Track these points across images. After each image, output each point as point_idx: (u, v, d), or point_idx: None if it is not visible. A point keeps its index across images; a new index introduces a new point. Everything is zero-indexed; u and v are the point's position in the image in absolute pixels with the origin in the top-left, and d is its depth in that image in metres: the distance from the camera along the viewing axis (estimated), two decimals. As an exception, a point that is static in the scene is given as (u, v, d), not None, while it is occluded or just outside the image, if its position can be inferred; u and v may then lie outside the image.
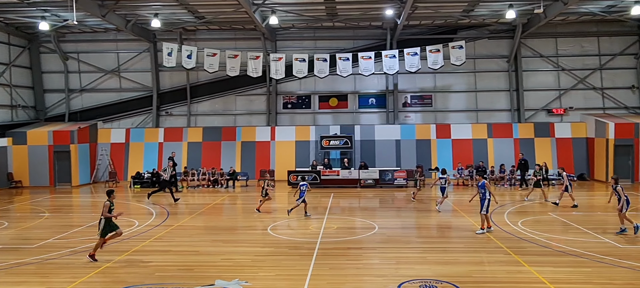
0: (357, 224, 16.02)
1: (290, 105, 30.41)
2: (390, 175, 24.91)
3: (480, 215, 14.38)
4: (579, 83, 28.68)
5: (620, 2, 24.25)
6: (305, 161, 27.88)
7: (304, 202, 17.12)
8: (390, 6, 24.23)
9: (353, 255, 12.17)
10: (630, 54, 28.48)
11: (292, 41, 30.10)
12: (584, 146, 27.40)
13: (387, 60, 26.31)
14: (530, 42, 28.78)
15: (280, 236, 14.31)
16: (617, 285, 9.71)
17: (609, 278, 10.07)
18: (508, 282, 9.97)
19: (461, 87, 29.54)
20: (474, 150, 27.63)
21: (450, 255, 12.03)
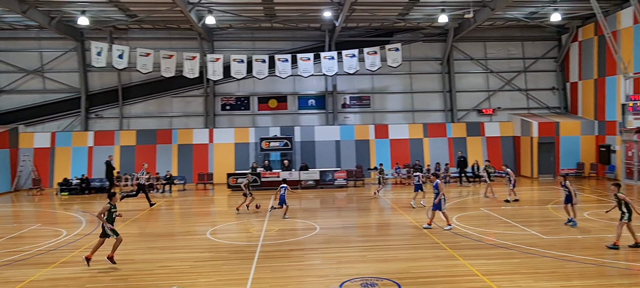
0: (299, 225, 15.98)
1: (228, 107, 29.87)
2: (330, 176, 25.10)
3: (440, 213, 14.84)
4: (506, 84, 30.35)
5: (541, 9, 25.94)
6: (245, 163, 27.48)
7: (286, 205, 16.99)
8: (329, 8, 24.44)
9: (295, 256, 12.11)
10: (551, 58, 30.54)
11: (230, 41, 29.58)
12: (511, 144, 29.03)
13: (326, 61, 26.52)
14: (461, 45, 30.11)
15: (220, 240, 13.98)
16: (543, 273, 10.31)
17: (535, 268, 10.68)
18: (445, 275, 10.31)
19: (398, 88, 30.35)
20: (411, 150, 28.47)
21: (389, 252, 12.27)
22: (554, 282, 9.77)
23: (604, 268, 10.70)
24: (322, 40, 29.04)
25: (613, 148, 25.97)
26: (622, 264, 11.06)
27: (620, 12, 24.83)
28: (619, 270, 10.66)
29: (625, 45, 24.34)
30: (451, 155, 28.35)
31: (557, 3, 24.76)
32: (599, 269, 10.59)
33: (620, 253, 11.85)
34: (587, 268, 10.66)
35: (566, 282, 9.78)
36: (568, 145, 27.10)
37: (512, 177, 19.34)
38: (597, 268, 10.67)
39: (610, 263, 11.02)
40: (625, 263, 11.20)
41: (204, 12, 24.58)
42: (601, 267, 10.77)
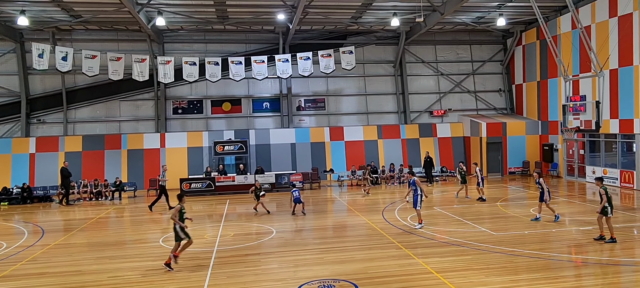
0: (255, 230, 15.79)
1: (180, 111, 29.17)
2: (286, 179, 24.98)
3: (415, 210, 15.09)
4: (456, 87, 31.30)
5: (487, 14, 26.95)
6: (199, 168, 26.91)
7: (301, 203, 17.92)
8: (282, 11, 24.36)
9: (251, 261, 11.94)
10: (497, 61, 31.78)
11: (181, 44, 28.91)
12: (462, 144, 29.95)
13: (280, 64, 26.41)
14: (413, 48, 30.80)
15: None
16: (494, 268, 10.66)
17: (486, 264, 11.03)
18: (400, 274, 10.46)
19: (352, 90, 30.65)
20: (366, 151, 28.81)
21: (346, 253, 12.32)
22: (503, 276, 10.11)
23: (550, 262, 11.18)
24: (276, 42, 28.91)
25: (555, 147, 27.32)
26: (565, 258, 11.60)
27: (560, 18, 26.20)
28: (563, 263, 11.17)
29: (564, 49, 25.69)
30: (405, 156, 28.91)
31: (502, 8, 25.81)
32: (545, 263, 11.06)
33: (563, 247, 12.44)
34: (534, 262, 11.11)
35: (515, 276, 10.14)
36: (514, 145, 28.28)
37: (480, 176, 19.67)
38: (544, 262, 11.14)
39: (556, 257, 11.53)
40: (568, 256, 11.76)
41: (154, 14, 23.90)
42: (547, 260, 11.25)
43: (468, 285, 9.61)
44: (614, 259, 11.32)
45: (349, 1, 23.89)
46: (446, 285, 9.66)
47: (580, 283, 9.74)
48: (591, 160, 25.12)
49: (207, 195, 24.21)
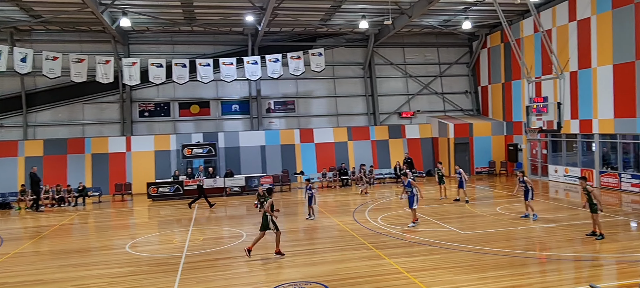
0: (225, 233, 15.59)
1: (147, 113, 28.55)
2: (256, 182, 24.79)
3: (411, 210, 15.25)
4: (424, 88, 31.78)
5: (454, 17, 27.49)
6: (167, 172, 26.39)
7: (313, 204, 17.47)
8: (251, 12, 24.19)
9: (221, 265, 11.77)
10: (464, 63, 32.45)
11: (147, 45, 28.32)
12: (430, 145, 30.41)
13: (249, 66, 26.21)
14: (382, 50, 31.11)
15: (140, 253, 13.26)
16: (462, 267, 10.85)
17: (454, 262, 11.21)
18: (371, 275, 10.51)
19: (322, 92, 30.69)
20: (336, 153, 28.89)
21: (317, 256, 12.31)
22: (471, 274, 10.29)
23: (515, 258, 11.45)
24: (245, 44, 28.68)
25: (520, 147, 28.08)
26: (530, 254, 11.91)
27: (523, 21, 26.98)
28: (527, 259, 11.46)
29: (527, 52, 26.46)
30: (374, 157, 29.14)
31: (468, 12, 26.38)
32: (511, 260, 11.32)
33: (528, 244, 12.78)
34: (500, 259, 11.36)
35: (482, 273, 10.34)
36: (481, 145, 28.92)
37: (464, 177, 19.43)
38: (509, 259, 11.40)
39: (521, 254, 11.82)
40: (533, 253, 12.07)
41: (118, 14, 23.33)
42: (513, 257, 11.52)
43: (437, 284, 9.74)
44: (578, 254, 11.70)
45: (318, 3, 23.93)
46: (416, 285, 9.76)
47: (544, 279, 10.01)
48: (553, 160, 25.93)
49: (175, 199, 23.77)
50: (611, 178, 21.92)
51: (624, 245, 12.36)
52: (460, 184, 19.42)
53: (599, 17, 22.01)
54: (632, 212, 16.99)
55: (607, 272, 10.46)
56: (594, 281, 9.54)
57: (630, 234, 13.81)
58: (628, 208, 17.71)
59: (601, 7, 21.84)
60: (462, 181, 19.29)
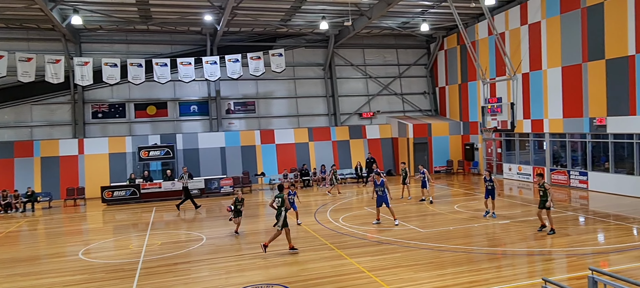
0: (184, 237, 15.23)
1: (101, 115, 27.54)
2: (216, 184, 24.38)
3: (388, 208, 15.32)
4: (384, 89, 32.20)
5: (412, 19, 27.99)
6: (122, 175, 25.55)
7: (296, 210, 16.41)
8: (209, 12, 23.78)
9: (180, 270, 11.48)
10: (422, 64, 33.10)
11: (100, 44, 27.34)
12: (390, 145, 30.84)
13: (208, 66, 25.77)
14: (342, 51, 31.30)
15: (94, 260, 12.76)
16: (422, 264, 11.03)
17: (415, 260, 11.38)
18: (333, 275, 10.51)
19: (282, 93, 30.55)
20: (297, 154, 28.81)
21: (279, 257, 12.21)
22: (431, 271, 10.48)
23: (473, 255, 11.75)
24: (204, 44, 28.17)
25: (476, 146, 28.91)
26: (486, 250, 12.25)
27: (478, 24, 27.80)
28: (484, 255, 11.78)
29: (482, 54, 27.27)
30: (336, 158, 29.26)
31: (425, 14, 26.93)
32: (469, 256, 11.61)
33: (484, 241, 13.14)
34: (458, 256, 11.63)
35: (441, 270, 10.55)
36: (439, 145, 29.57)
37: (427, 176, 19.53)
38: (467, 255, 11.69)
39: (477, 250, 12.14)
40: (488, 249, 12.42)
41: (69, 11, 22.43)
42: (470, 254, 11.82)
43: (398, 282, 9.86)
44: (531, 249, 12.12)
45: (278, 4, 23.80)
46: (377, 283, 9.84)
47: (499, 273, 10.31)
48: (507, 158, 26.84)
49: (131, 203, 23.06)
50: (561, 175, 22.89)
51: (573, 239, 12.91)
52: (423, 184, 19.62)
53: (548, 21, 22.95)
54: (581, 208, 17.80)
55: (558, 266, 10.89)
56: (546, 274, 9.90)
57: (578, 229, 14.44)
58: (576, 204, 18.54)
59: (550, 11, 22.79)
60: (425, 181, 19.50)
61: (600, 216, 15.92)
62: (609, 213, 16.34)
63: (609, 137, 20.36)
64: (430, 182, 19.82)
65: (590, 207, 17.79)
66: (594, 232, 13.91)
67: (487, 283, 9.65)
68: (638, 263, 10.59)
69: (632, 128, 19.27)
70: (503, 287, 9.43)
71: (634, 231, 13.67)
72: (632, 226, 14.23)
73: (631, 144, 19.52)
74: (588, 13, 20.85)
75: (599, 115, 20.66)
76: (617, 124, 19.88)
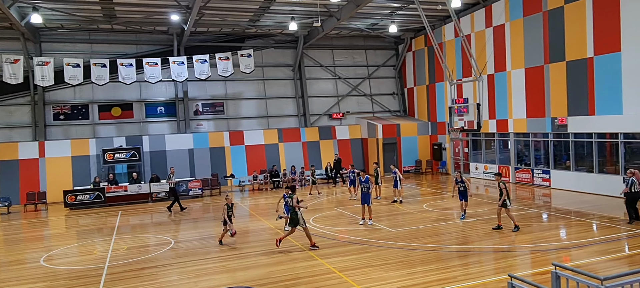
0: (151, 241, 14.89)
1: (63, 116, 26.66)
2: (184, 186, 23.97)
3: (368, 207, 15.41)
4: (353, 90, 32.39)
5: (380, 21, 28.26)
6: (86, 178, 24.79)
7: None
8: (176, 11, 23.37)
9: (147, 275, 11.21)
10: (390, 65, 33.46)
11: (62, 43, 26.47)
12: (360, 145, 31.04)
13: (175, 66, 25.33)
14: (311, 52, 31.31)
15: (57, 266, 12.32)
16: (392, 263, 11.12)
17: (385, 259, 11.47)
18: (304, 276, 10.48)
19: (252, 94, 30.31)
20: (267, 155, 28.64)
21: (249, 259, 12.09)
22: (401, 270, 10.57)
23: (441, 253, 11.93)
24: (171, 44, 27.66)
25: (444, 146, 29.42)
26: (454, 248, 12.46)
27: (445, 26, 28.31)
28: (452, 253, 11.98)
29: (449, 55, 27.79)
30: (306, 159, 29.23)
31: (394, 16, 27.24)
32: (438, 254, 11.78)
33: (452, 239, 13.36)
34: (428, 254, 11.78)
35: (411, 269, 10.66)
36: (408, 145, 29.95)
37: (399, 176, 19.47)
38: (436, 254, 11.86)
39: (446, 249, 12.34)
40: (456, 247, 12.64)
41: (28, 10, 21.61)
42: (439, 252, 11.99)
43: (368, 282, 9.90)
44: (497, 246, 12.40)
45: (246, 4, 23.60)
46: (348, 283, 9.86)
47: (467, 271, 10.50)
48: (474, 158, 27.43)
49: (96, 207, 22.40)
50: (525, 174, 23.54)
51: (537, 236, 13.29)
52: (395, 184, 19.61)
53: (512, 24, 23.58)
54: (544, 205, 18.35)
55: (522, 262, 11.17)
56: (511, 271, 10.13)
57: (542, 225, 14.87)
58: (540, 202, 19.10)
59: (513, 14, 23.43)
60: (397, 180, 19.52)
61: (562, 213, 16.45)
62: (570, 209, 16.91)
63: (570, 136, 21.08)
64: (402, 181, 19.94)
65: (552, 204, 18.36)
66: (557, 229, 14.35)
67: (456, 280, 9.81)
68: (598, 258, 10.99)
69: (591, 127, 20.01)
70: (470, 283, 9.61)
71: (594, 227, 14.18)
72: (592, 222, 14.76)
73: (590, 142, 20.27)
74: (549, 16, 21.53)
75: (560, 115, 21.36)
76: (577, 123, 20.60)
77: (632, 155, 19.12)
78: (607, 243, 12.24)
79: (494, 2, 24.49)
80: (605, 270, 9.93)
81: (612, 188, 18.63)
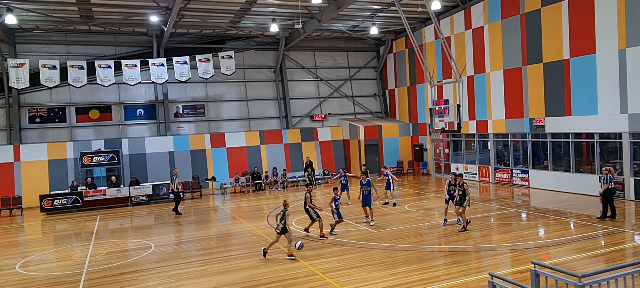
0: (131, 246, 14.66)
1: (39, 119, 26.08)
2: (165, 190, 23.66)
3: (369, 209, 15.57)
4: (335, 92, 32.43)
5: (361, 23, 28.38)
6: (63, 182, 24.27)
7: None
8: (155, 12, 23.08)
9: (127, 280, 11.03)
10: (372, 67, 33.62)
11: (37, 45, 25.90)
12: (342, 147, 31.08)
13: (155, 68, 25.03)
14: (293, 54, 31.26)
15: (33, 273, 12.03)
16: (374, 264, 11.16)
17: (368, 260, 11.50)
18: (287, 279, 10.43)
19: (233, 96, 30.11)
20: (249, 158, 28.46)
21: (231, 263, 11.99)
22: (383, 271, 10.61)
23: (423, 253, 12.01)
24: (150, 45, 27.30)
25: (425, 147, 29.66)
26: (436, 248, 12.56)
27: (425, 28, 28.56)
28: (434, 253, 12.07)
29: (429, 57, 28.05)
30: (288, 161, 29.14)
31: (375, 18, 27.37)
32: (420, 255, 11.86)
33: (434, 239, 13.47)
34: (410, 255, 11.86)
35: (394, 269, 10.71)
36: (389, 146, 30.12)
37: (391, 177, 19.18)
38: (418, 254, 11.94)
39: (428, 249, 12.42)
40: (438, 246, 12.75)
41: (2, 10, 21.07)
42: (421, 252, 12.07)
43: (352, 283, 9.91)
44: (478, 246, 12.54)
45: (227, 5, 23.43)
46: (331, 285, 9.85)
47: (448, 270, 10.59)
48: (454, 158, 27.72)
49: (73, 211, 21.96)
50: (504, 174, 23.88)
51: (516, 235, 13.49)
52: (387, 185, 19.20)
53: (490, 26, 23.92)
54: (523, 204, 18.64)
55: (503, 261, 11.32)
56: (492, 269, 10.26)
57: (521, 224, 15.09)
58: (519, 201, 19.40)
59: (492, 17, 23.77)
60: (390, 182, 19.14)
61: (541, 212, 16.73)
62: (548, 208, 17.21)
63: (547, 136, 21.47)
64: (395, 182, 19.81)
65: (531, 204, 18.66)
66: (536, 227, 14.59)
67: (438, 280, 9.89)
68: (576, 255, 11.20)
69: (567, 128, 20.42)
70: (452, 283, 9.69)
71: (572, 225, 14.45)
72: (570, 220, 15.05)
73: (567, 142, 20.67)
74: (527, 19, 21.91)
75: (538, 116, 21.74)
76: (554, 124, 21.00)
77: (607, 154, 19.57)
78: (584, 241, 12.49)
79: (473, 5, 24.82)
80: (583, 267, 10.12)
81: (588, 187, 19.06)
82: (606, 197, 14.68)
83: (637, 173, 18.05)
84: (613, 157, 19.27)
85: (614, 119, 18.50)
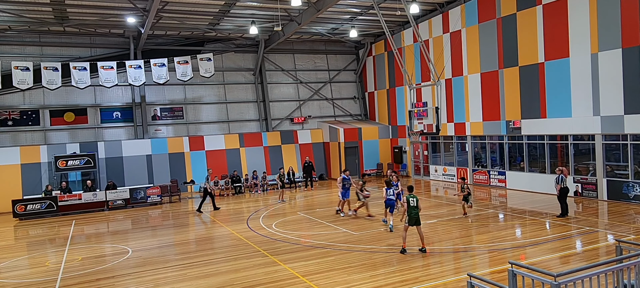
0: (107, 251, 14.37)
1: (11, 122, 25.41)
2: (142, 193, 23.29)
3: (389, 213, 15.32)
4: (314, 94, 32.45)
5: (341, 25, 28.48)
6: (37, 187, 23.69)
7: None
8: (132, 14, 22.74)
9: (104, 285, 10.81)
10: (351, 70, 33.75)
11: (10, 46, 25.26)
12: (322, 149, 31.11)
13: (132, 70, 24.64)
14: (272, 56, 31.17)
15: (5, 280, 11.69)
16: (355, 266, 11.17)
17: (348, 263, 11.51)
18: (267, 282, 10.37)
19: (212, 98, 29.86)
20: (228, 160, 28.25)
21: (211, 266, 11.86)
22: (363, 273, 10.63)
23: (403, 255, 12.07)
24: (127, 47, 26.89)
25: (404, 149, 29.89)
26: (416, 249, 12.64)
27: (404, 32, 28.82)
28: (414, 254, 12.15)
29: (408, 60, 28.30)
30: (268, 163, 29.01)
31: (354, 21, 27.51)
32: (399, 256, 11.92)
33: (413, 241, 13.56)
34: (389, 256, 11.91)
35: (374, 271, 10.74)
36: (369, 148, 30.27)
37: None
38: (398, 255, 12.00)
39: (409, 251, 12.50)
40: (418, 248, 12.83)
41: (-27, 10, 20.51)
42: (400, 254, 12.13)
43: (332, 285, 9.91)
44: (455, 247, 12.67)
45: (205, 7, 23.24)
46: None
47: (428, 271, 10.68)
48: (433, 160, 28.01)
49: (48, 216, 21.43)
50: (482, 175, 24.23)
51: (494, 235, 13.68)
52: (398, 196, 19.07)
53: (468, 29, 24.28)
54: (500, 205, 18.93)
55: (481, 261, 11.46)
56: (470, 270, 10.38)
57: (498, 225, 15.33)
58: (496, 202, 19.70)
59: (469, 20, 24.13)
60: (400, 193, 18.81)
61: (517, 212, 17.02)
62: (525, 209, 17.52)
63: (523, 138, 21.88)
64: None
65: (508, 204, 18.96)
66: (513, 228, 14.83)
67: (417, 281, 9.95)
68: (552, 255, 11.42)
69: (542, 130, 20.85)
70: (432, 284, 9.77)
71: (547, 225, 14.74)
72: (545, 220, 15.34)
73: (542, 144, 21.10)
74: (503, 23, 22.31)
75: (514, 118, 22.13)
76: (530, 126, 21.41)
77: (581, 155, 20.04)
78: (559, 240, 12.75)
79: (451, 9, 25.16)
80: (559, 266, 10.33)
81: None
82: (561, 196, 15.29)
83: (609, 174, 18.54)
84: (586, 158, 19.74)
85: (587, 121, 18.97)
